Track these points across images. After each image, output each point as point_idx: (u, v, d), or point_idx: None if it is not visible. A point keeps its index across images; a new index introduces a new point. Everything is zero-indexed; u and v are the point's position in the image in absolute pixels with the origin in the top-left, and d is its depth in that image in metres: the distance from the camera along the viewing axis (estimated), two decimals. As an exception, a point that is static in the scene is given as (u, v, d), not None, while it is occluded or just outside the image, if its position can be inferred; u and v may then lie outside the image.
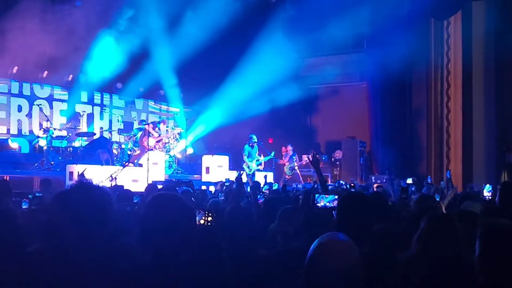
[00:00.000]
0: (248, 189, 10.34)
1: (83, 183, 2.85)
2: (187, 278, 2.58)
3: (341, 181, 15.48)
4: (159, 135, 17.46)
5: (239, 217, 4.51)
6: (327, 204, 4.70)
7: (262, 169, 18.24)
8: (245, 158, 16.97)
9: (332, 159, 21.02)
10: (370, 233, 3.56)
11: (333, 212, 3.88)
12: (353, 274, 2.43)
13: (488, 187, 8.17)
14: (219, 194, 8.28)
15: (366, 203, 3.58)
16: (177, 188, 9.14)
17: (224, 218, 4.92)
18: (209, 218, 3.21)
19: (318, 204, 4.77)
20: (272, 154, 17.52)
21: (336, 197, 4.37)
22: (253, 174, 16.94)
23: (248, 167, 16.95)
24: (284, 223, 4.44)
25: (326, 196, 4.82)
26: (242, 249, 3.70)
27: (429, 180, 14.33)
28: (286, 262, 3.79)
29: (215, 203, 6.37)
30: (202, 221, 3.21)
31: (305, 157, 20.16)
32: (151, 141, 16.77)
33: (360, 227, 3.37)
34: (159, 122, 18.06)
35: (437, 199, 6.77)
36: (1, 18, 15.18)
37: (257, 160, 17.11)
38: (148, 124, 17.35)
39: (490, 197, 7.95)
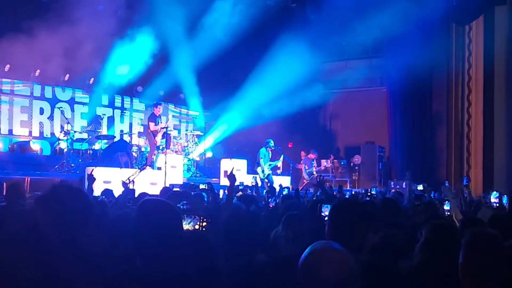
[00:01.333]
0: (264, 193, 10.39)
1: (62, 186, 2.91)
2: (177, 284, 2.62)
3: (357, 189, 15.42)
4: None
5: (237, 222, 4.53)
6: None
7: (279, 173, 18.26)
8: (261, 161, 16.96)
9: (351, 164, 20.96)
10: (367, 242, 3.54)
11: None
12: (348, 284, 2.41)
13: (495, 194, 8.08)
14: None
15: (358, 211, 3.56)
16: (192, 192, 9.20)
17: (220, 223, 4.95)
18: (204, 224, 3.23)
19: (323, 214, 4.78)
20: (281, 158, 17.49)
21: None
22: (270, 179, 16.88)
23: (263, 171, 16.93)
24: (289, 229, 4.45)
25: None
26: (239, 254, 3.71)
27: (446, 185, 14.19)
28: (287, 268, 3.80)
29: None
30: (197, 226, 3.23)
31: (324, 162, 20.18)
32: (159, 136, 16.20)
33: (352, 235, 3.35)
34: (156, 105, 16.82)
35: (448, 206, 6.71)
36: (24, 22, 15.37)
37: (270, 165, 17.08)
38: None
39: (497, 204, 7.87)
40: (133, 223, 2.67)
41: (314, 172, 18.74)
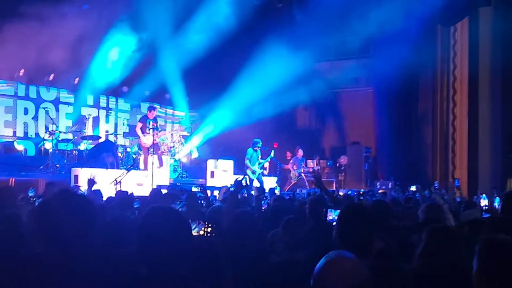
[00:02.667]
0: (253, 193, 10.35)
1: (66, 192, 2.88)
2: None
3: (349, 191, 15.45)
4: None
5: (243, 224, 4.49)
6: (336, 217, 4.68)
7: (266, 173, 18.23)
8: (246, 161, 16.89)
9: (337, 164, 20.99)
10: (372, 247, 3.53)
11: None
12: None
13: (484, 196, 8.17)
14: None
15: (366, 216, 3.56)
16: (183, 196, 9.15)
17: (225, 226, 4.90)
18: (209, 229, 3.19)
19: (328, 218, 4.74)
20: (272, 154, 17.43)
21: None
22: (260, 179, 16.85)
23: (253, 172, 16.88)
24: (288, 233, 4.42)
25: (335, 210, 4.80)
26: (246, 257, 3.68)
27: (436, 186, 14.25)
28: (290, 272, 3.77)
29: (216, 209, 6.35)
30: (201, 232, 3.18)
31: (310, 162, 20.20)
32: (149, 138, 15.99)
33: (361, 240, 3.34)
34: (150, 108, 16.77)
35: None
36: (8, 21, 15.21)
37: (259, 164, 17.03)
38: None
39: (487, 207, 7.94)
40: (139, 230, 2.62)
41: (302, 174, 18.76)
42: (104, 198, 9.25)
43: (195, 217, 3.86)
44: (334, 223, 4.32)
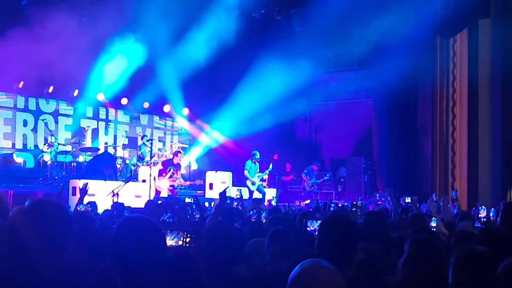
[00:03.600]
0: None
1: (41, 202, 2.87)
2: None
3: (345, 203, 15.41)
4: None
5: (220, 235, 4.47)
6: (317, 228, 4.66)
7: (265, 185, 18.20)
8: (246, 173, 16.90)
9: (337, 176, 20.96)
10: (354, 258, 3.50)
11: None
12: None
13: (484, 208, 8.13)
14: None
15: (347, 227, 3.53)
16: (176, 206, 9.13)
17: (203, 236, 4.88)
18: (188, 239, 3.16)
19: (308, 228, 4.73)
20: (270, 166, 17.41)
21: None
22: (262, 191, 16.83)
23: (252, 183, 16.87)
24: (274, 244, 4.41)
25: (317, 220, 4.78)
26: (222, 269, 3.65)
27: (434, 198, 14.17)
28: (273, 283, 3.75)
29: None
30: (180, 242, 3.16)
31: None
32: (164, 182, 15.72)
33: (342, 252, 3.31)
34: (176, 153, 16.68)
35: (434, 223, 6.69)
36: (7, 33, 15.26)
37: (258, 176, 17.02)
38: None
39: (485, 218, 7.90)
40: (112, 241, 2.60)
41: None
42: (101, 210, 9.28)
43: (184, 228, 3.85)
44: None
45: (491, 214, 8.03)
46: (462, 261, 3.04)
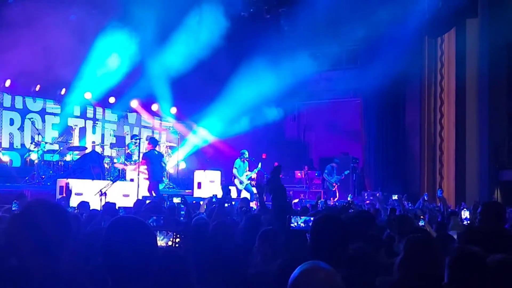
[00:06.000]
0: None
1: (41, 202, 2.84)
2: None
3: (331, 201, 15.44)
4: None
5: (223, 233, 4.45)
6: (301, 224, 4.64)
7: (253, 185, 18.18)
8: (234, 171, 16.88)
9: (323, 175, 20.97)
10: (345, 256, 3.50)
11: (307, 234, 3.81)
12: None
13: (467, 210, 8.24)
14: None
15: (340, 225, 3.53)
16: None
17: (207, 235, 4.85)
18: (177, 240, 3.14)
19: (292, 225, 4.69)
20: (259, 166, 17.38)
21: (312, 218, 4.29)
22: (250, 190, 16.81)
23: (240, 182, 16.85)
24: (265, 244, 4.38)
25: (301, 217, 4.75)
26: (219, 268, 3.64)
27: (425, 197, 14.19)
28: (263, 284, 3.73)
29: (199, 221, 6.29)
30: (170, 243, 3.13)
31: (297, 173, 20.21)
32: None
33: (334, 250, 3.31)
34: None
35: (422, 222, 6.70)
36: (-6, 31, 15.14)
37: (247, 175, 17.00)
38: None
39: (468, 220, 7.97)
40: (103, 241, 2.58)
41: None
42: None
43: (171, 228, 3.82)
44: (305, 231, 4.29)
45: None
46: (457, 261, 3.04)
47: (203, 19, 18.74)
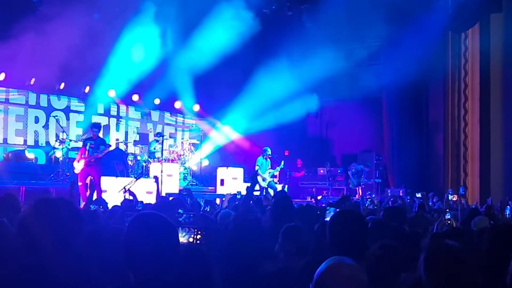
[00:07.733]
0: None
1: (47, 201, 2.86)
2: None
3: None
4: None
5: (245, 229, 4.45)
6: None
7: (277, 181, 18.17)
8: (257, 169, 16.85)
9: (348, 172, 20.89)
10: (368, 252, 3.50)
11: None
12: None
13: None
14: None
15: (359, 221, 3.54)
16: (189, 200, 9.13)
17: (228, 229, 4.86)
18: (198, 236, 3.15)
19: (326, 219, 4.69)
20: (282, 163, 17.33)
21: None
22: (272, 186, 16.79)
23: (263, 179, 16.83)
24: (288, 241, 4.39)
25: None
26: (241, 265, 3.64)
27: (450, 193, 14.06)
28: (288, 280, 3.73)
29: (225, 215, 6.34)
30: (191, 239, 3.15)
31: (320, 170, 20.17)
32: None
33: (353, 246, 3.32)
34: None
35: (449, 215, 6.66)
36: (19, 30, 15.29)
37: (269, 172, 16.97)
38: None
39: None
40: (125, 237, 2.60)
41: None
42: (110, 206, 9.25)
43: (195, 225, 3.84)
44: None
45: (507, 212, 7.99)
46: (434, 256, 3.07)
47: (226, 16, 18.74)
